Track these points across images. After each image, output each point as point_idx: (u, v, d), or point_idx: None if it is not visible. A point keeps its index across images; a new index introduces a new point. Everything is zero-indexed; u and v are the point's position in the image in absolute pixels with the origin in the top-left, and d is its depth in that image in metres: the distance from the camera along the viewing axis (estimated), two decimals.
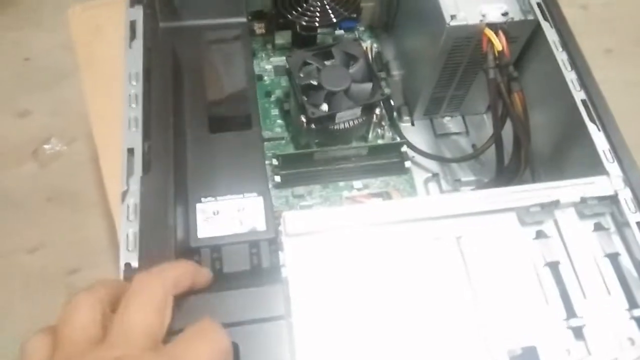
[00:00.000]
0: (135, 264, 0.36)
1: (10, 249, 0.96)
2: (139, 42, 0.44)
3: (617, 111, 0.61)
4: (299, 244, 0.37)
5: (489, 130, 0.62)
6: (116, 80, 0.47)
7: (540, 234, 0.39)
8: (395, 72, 0.65)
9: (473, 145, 0.62)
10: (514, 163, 0.51)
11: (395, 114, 0.62)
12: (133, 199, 0.38)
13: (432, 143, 0.62)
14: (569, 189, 0.39)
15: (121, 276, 0.36)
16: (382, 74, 0.65)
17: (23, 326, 0.89)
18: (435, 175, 0.60)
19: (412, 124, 0.63)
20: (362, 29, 0.68)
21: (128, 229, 0.37)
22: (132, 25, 0.45)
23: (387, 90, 0.62)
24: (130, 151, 0.40)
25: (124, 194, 0.38)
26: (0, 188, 1.01)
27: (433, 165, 0.60)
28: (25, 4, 1.23)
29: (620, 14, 1.24)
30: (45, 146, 1.04)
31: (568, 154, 0.46)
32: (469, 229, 0.38)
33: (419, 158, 0.59)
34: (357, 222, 0.38)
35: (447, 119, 0.64)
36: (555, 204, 0.39)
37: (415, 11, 0.58)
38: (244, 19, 0.53)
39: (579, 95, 0.44)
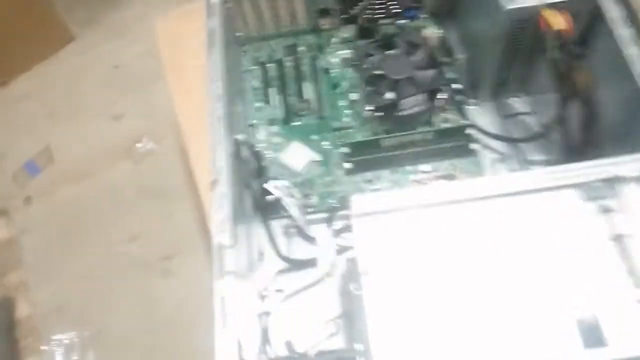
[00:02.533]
0: (227, 241, 0.41)
1: (113, 238, 1.08)
2: (218, 49, 0.49)
3: None
4: (368, 225, 0.41)
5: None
6: (199, 84, 0.53)
7: (604, 209, 0.40)
8: (460, 56, 0.66)
9: (542, 125, 0.62)
10: (580, 142, 0.52)
11: (461, 97, 0.63)
12: (221, 188, 0.43)
13: (499, 125, 0.63)
14: (630, 165, 0.40)
15: (214, 255, 0.41)
16: (447, 59, 0.67)
17: (127, 307, 1.00)
18: (502, 155, 0.61)
19: (479, 106, 0.64)
20: (425, 16, 0.70)
21: (219, 215, 0.42)
22: (212, 33, 0.50)
23: (451, 75, 0.64)
24: (215, 148, 0.45)
25: (215, 183, 0.44)
26: (102, 184, 1.12)
27: (500, 146, 0.61)
28: (108, 20, 1.35)
29: None
30: (138, 145, 1.15)
31: (635, 129, 0.46)
32: (533, 206, 0.40)
33: (485, 139, 0.61)
34: (421, 203, 0.41)
35: (513, 99, 0.64)
36: (617, 179, 0.40)
37: None
38: None
39: None
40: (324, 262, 0.55)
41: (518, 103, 0.64)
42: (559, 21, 0.49)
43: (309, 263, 0.56)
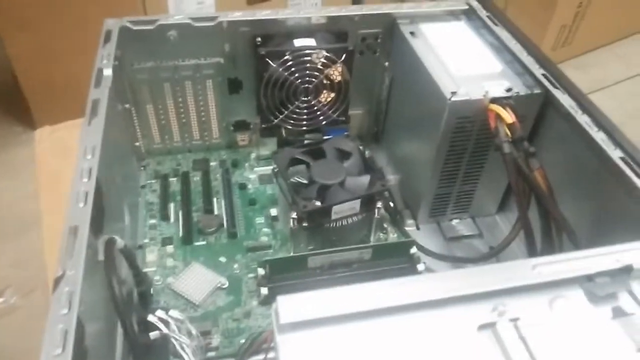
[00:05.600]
0: None
1: None
2: (99, 119, 0.38)
3: None
4: (297, 341, 0.27)
5: (504, 230, 0.55)
6: None
7: (618, 312, 0.29)
8: (391, 177, 0.60)
9: (490, 247, 0.54)
10: (546, 247, 0.43)
11: (397, 217, 0.55)
12: (69, 287, 0.28)
13: (443, 247, 0.54)
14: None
15: None
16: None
17: None
18: None
19: (418, 228, 0.55)
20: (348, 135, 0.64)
21: (57, 325, 0.26)
22: (95, 103, 0.39)
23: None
24: (73, 230, 0.31)
25: (58, 281, 0.28)
26: None
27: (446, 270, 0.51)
28: None
29: None
30: None
31: (610, 220, 0.38)
32: (525, 309, 0.29)
33: (430, 262, 0.50)
34: (369, 304, 0.28)
35: (455, 221, 0.56)
36: (628, 270, 0.30)
37: (408, 104, 0.54)
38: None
39: (615, 153, 0.38)
40: None
41: (461, 225, 0.56)
42: (508, 115, 0.44)
43: None
